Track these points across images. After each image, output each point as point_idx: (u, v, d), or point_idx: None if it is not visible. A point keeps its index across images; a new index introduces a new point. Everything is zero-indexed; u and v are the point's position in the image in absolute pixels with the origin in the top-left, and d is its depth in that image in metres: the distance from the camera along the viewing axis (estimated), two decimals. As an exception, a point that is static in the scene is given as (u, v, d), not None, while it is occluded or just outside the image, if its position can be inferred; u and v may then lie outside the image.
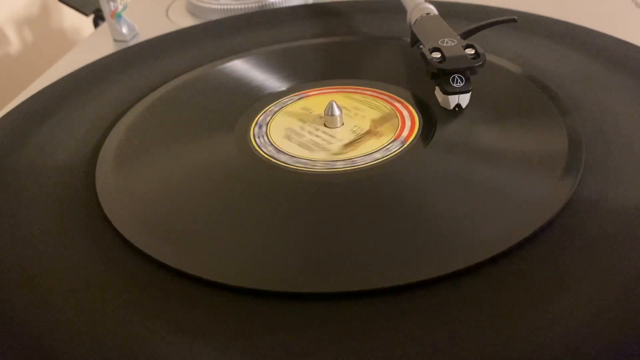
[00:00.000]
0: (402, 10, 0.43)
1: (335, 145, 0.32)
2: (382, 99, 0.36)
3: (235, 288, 0.23)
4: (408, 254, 0.24)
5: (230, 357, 0.21)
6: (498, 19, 0.36)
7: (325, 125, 0.34)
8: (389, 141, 0.32)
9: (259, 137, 0.33)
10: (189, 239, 0.26)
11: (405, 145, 0.31)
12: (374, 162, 0.30)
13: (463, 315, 0.21)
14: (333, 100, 0.34)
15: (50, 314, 0.23)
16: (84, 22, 0.79)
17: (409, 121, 0.33)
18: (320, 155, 0.31)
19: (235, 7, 0.55)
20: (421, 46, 0.36)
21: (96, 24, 0.65)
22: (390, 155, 0.31)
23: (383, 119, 0.34)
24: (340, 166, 0.30)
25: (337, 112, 0.34)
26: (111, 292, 0.24)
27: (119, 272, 0.25)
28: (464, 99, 0.33)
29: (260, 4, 0.55)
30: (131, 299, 0.23)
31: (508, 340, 0.20)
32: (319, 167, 0.30)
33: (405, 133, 0.32)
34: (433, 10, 0.40)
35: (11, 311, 0.23)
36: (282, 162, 0.31)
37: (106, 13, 0.52)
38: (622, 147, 0.30)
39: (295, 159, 0.31)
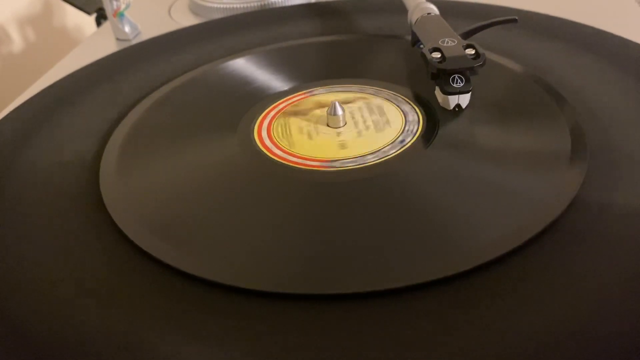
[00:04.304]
0: (403, 9, 0.43)
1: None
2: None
3: (242, 290, 0.23)
4: (413, 254, 0.24)
5: (231, 356, 0.21)
6: (499, 19, 0.37)
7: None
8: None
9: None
10: (193, 239, 0.26)
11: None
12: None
13: (467, 316, 0.21)
14: (336, 100, 0.34)
15: (51, 312, 0.23)
16: (87, 21, 0.79)
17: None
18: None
19: (238, 6, 0.55)
20: (421, 46, 0.37)
21: (99, 22, 0.65)
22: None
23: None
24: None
25: (339, 111, 0.34)
26: (113, 290, 0.24)
27: (122, 271, 0.25)
28: (464, 99, 0.33)
29: (262, 3, 0.55)
30: (133, 297, 0.24)
31: (512, 340, 0.20)
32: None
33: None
34: (434, 9, 0.40)
35: (13, 309, 0.23)
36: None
37: (109, 12, 0.52)
38: (625, 146, 0.30)
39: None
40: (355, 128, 0.34)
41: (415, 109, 0.35)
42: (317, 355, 0.21)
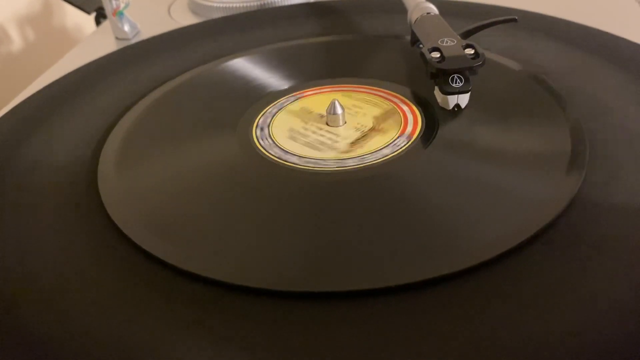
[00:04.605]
0: (403, 10, 0.43)
1: (341, 144, 0.32)
2: (383, 97, 0.36)
3: (242, 288, 0.23)
4: (411, 253, 0.24)
5: (231, 355, 0.21)
6: (498, 18, 0.37)
7: (327, 124, 0.34)
8: (394, 138, 0.32)
9: (261, 137, 0.33)
10: (193, 238, 0.26)
11: (411, 141, 0.31)
12: (378, 160, 0.30)
13: (466, 315, 0.21)
14: (335, 99, 0.34)
15: (51, 312, 0.23)
16: (86, 20, 0.79)
17: (412, 117, 0.34)
18: (327, 154, 0.31)
19: (237, 5, 0.55)
20: (421, 46, 0.37)
21: (98, 22, 0.65)
22: (397, 152, 0.31)
23: (386, 116, 0.34)
24: (349, 164, 0.30)
25: (339, 110, 0.34)
26: (112, 290, 0.24)
27: (121, 270, 0.25)
28: (463, 99, 0.33)
29: (261, 3, 0.55)
30: (133, 297, 0.24)
31: (511, 340, 0.20)
32: (329, 166, 0.30)
33: (409, 129, 0.33)
34: (433, 9, 0.40)
35: (13, 309, 0.23)
36: (289, 162, 0.31)
37: (108, 11, 0.52)
38: (625, 145, 0.30)
39: (302, 158, 0.31)
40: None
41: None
42: (317, 355, 0.21)
